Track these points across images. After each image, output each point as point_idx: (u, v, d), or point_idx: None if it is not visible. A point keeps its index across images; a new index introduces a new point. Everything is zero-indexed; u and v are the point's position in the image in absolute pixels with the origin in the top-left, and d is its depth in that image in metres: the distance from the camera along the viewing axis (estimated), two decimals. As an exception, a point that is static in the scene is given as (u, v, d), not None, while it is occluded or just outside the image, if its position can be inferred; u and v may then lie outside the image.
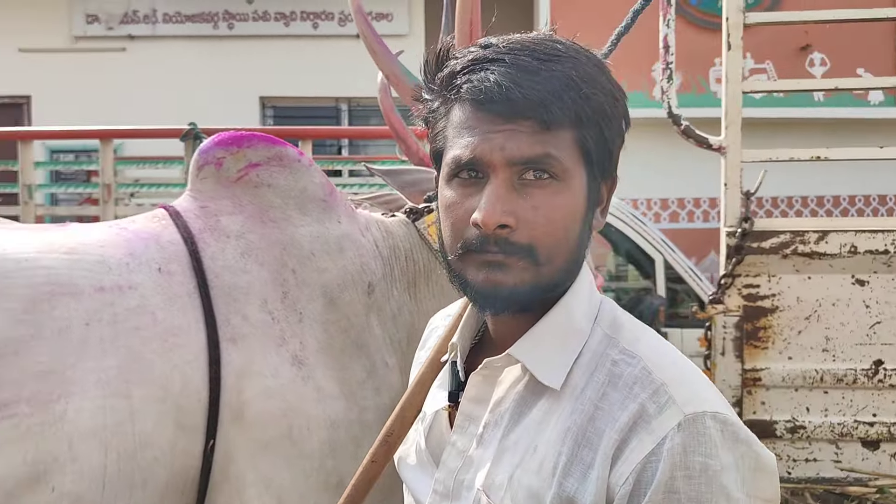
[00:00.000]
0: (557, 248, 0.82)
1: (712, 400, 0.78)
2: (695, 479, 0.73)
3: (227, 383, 1.40)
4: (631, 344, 0.84)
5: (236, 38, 8.44)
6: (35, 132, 3.60)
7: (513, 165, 0.80)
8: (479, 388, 0.88)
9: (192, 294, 1.43)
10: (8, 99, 8.33)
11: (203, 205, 1.58)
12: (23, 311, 1.25)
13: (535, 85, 0.78)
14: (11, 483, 1.17)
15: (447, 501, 0.87)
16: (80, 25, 8.44)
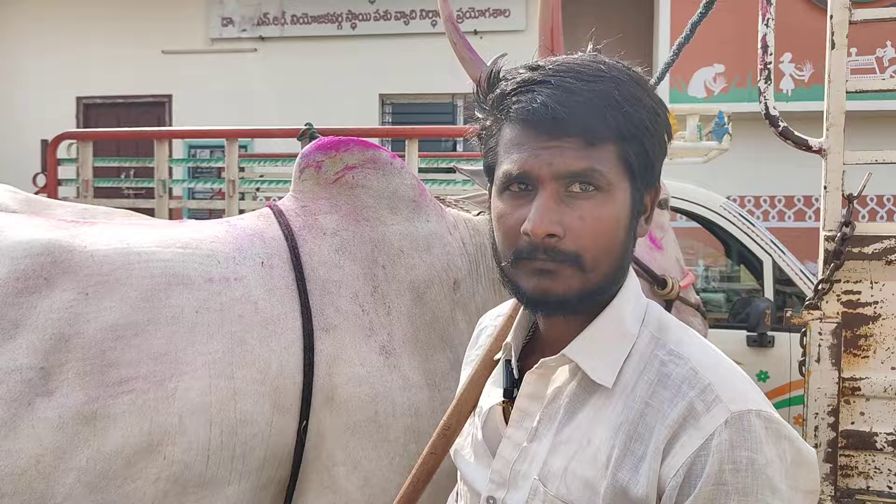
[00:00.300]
0: (603, 256, 0.87)
1: (756, 399, 0.83)
2: (741, 472, 0.78)
3: (319, 369, 1.52)
4: (678, 345, 0.89)
5: (358, 37, 8.73)
6: (167, 132, 3.91)
7: (560, 179, 0.85)
8: (535, 386, 0.94)
9: (291, 286, 1.56)
10: (151, 98, 9.00)
11: (303, 204, 1.71)
12: (142, 299, 1.41)
13: (579, 104, 0.83)
14: (130, 450, 1.33)
15: (503, 490, 0.92)
16: (216, 28, 8.99)
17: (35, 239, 1.38)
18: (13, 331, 1.29)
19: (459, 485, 1.07)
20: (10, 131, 8.93)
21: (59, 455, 1.28)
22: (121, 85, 8.95)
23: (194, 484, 1.39)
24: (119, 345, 1.36)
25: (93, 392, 1.31)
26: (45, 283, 1.34)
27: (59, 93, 8.97)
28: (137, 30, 8.89)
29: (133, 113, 8.92)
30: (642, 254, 1.97)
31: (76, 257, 1.39)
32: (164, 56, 8.90)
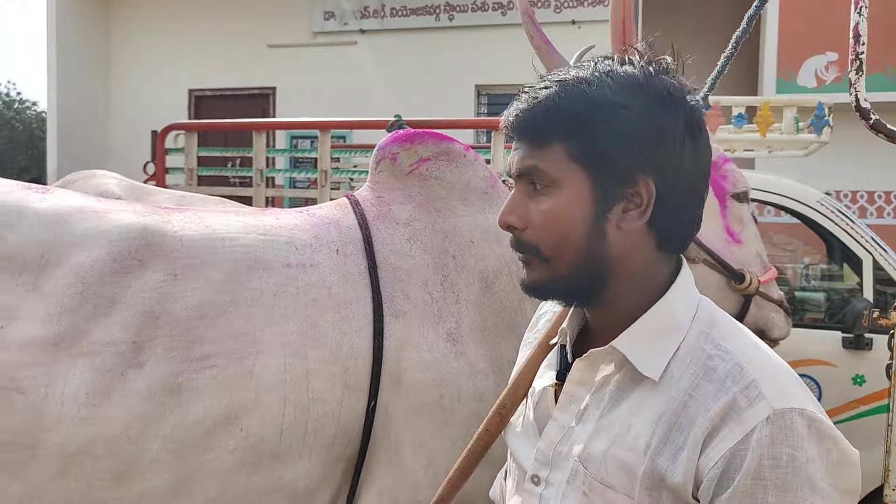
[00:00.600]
0: (560, 245, 0.93)
1: (800, 398, 0.84)
2: (781, 468, 0.79)
3: (388, 352, 1.59)
4: (725, 340, 0.91)
5: (456, 28, 8.81)
6: (264, 123, 4.10)
7: (520, 177, 0.96)
8: (583, 373, 0.98)
9: (363, 273, 1.64)
10: (257, 90, 9.38)
11: (379, 195, 1.78)
12: (225, 282, 1.51)
13: (527, 111, 0.94)
14: (210, 422, 1.44)
15: (546, 469, 0.97)
16: (319, 22, 9.26)
17: (131, 223, 1.50)
18: (109, 307, 1.41)
19: (509, 462, 1.12)
20: (127, 122, 9.51)
21: (146, 423, 1.39)
22: (229, 78, 9.37)
23: (268, 456, 1.49)
24: (203, 323, 1.46)
25: (178, 366, 1.42)
26: (138, 264, 1.46)
27: (172, 85, 9.48)
28: (245, 25, 9.27)
29: (239, 104, 9.32)
30: (719, 247, 1.94)
31: (167, 241, 1.51)
32: (270, 49, 9.24)
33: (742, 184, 2.00)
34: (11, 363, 1.33)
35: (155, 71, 9.65)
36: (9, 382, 1.32)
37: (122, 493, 1.39)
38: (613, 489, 0.89)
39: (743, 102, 3.50)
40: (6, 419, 1.32)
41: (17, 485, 1.34)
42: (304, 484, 1.54)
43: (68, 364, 1.36)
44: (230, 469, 1.46)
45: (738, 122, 3.44)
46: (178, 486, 1.42)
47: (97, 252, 1.44)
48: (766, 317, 2.03)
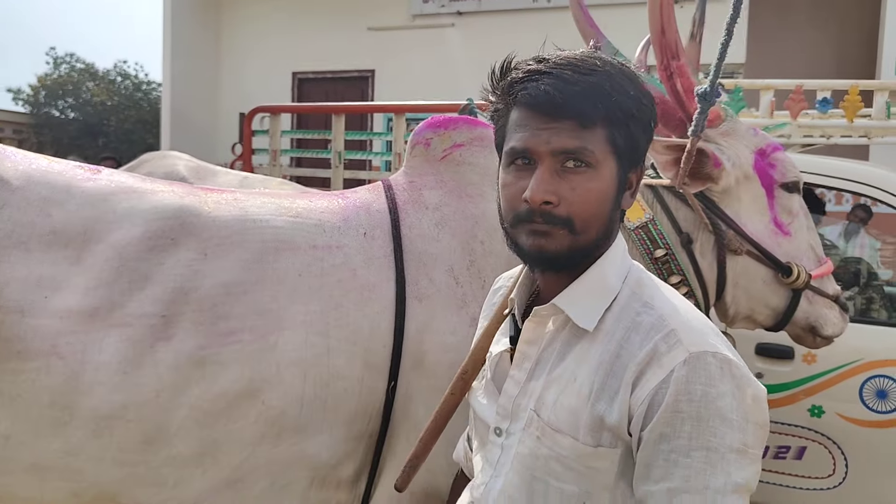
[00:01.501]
0: (591, 221, 1.02)
1: (714, 343, 0.97)
2: (695, 402, 0.92)
3: (409, 334, 1.62)
4: (651, 298, 1.04)
5: (553, 9, 8.67)
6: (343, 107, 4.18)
7: (556, 155, 1.00)
8: (532, 332, 1.10)
9: (389, 256, 1.67)
10: (356, 73, 9.59)
11: (411, 179, 1.81)
12: (253, 261, 1.58)
13: (575, 93, 0.98)
14: (233, 394, 1.51)
15: (507, 421, 1.09)
16: (417, 4, 9.35)
17: (168, 204, 1.59)
18: (143, 282, 1.51)
19: (472, 422, 1.24)
20: (234, 104, 9.92)
21: (174, 392, 1.48)
22: (330, 60, 9.62)
23: (289, 429, 1.55)
24: (230, 300, 1.53)
25: (204, 340, 1.50)
26: (171, 242, 1.55)
27: (277, 68, 9.82)
28: (346, 8, 9.48)
29: (340, 86, 9.56)
30: (765, 239, 1.85)
31: (200, 221, 1.59)
32: (369, 32, 9.42)
33: (792, 173, 1.90)
34: (53, 330, 1.44)
35: (261, 54, 10.03)
36: (50, 348, 1.44)
37: (151, 456, 1.49)
38: (561, 432, 1.01)
39: (828, 86, 3.30)
40: (47, 381, 1.43)
41: (57, 441, 1.46)
42: (326, 457, 1.60)
43: (103, 333, 1.46)
44: (253, 439, 1.53)
45: (823, 107, 3.24)
46: (202, 453, 1.51)
47: (135, 230, 1.54)
48: (818, 312, 1.92)
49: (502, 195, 1.07)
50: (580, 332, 1.04)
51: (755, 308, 1.95)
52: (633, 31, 2.35)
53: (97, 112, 24.17)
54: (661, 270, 1.89)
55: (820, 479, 2.78)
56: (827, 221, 5.11)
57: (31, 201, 1.51)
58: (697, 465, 0.91)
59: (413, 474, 1.28)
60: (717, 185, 1.87)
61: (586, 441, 0.99)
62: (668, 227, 1.91)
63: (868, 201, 5.26)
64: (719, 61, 1.46)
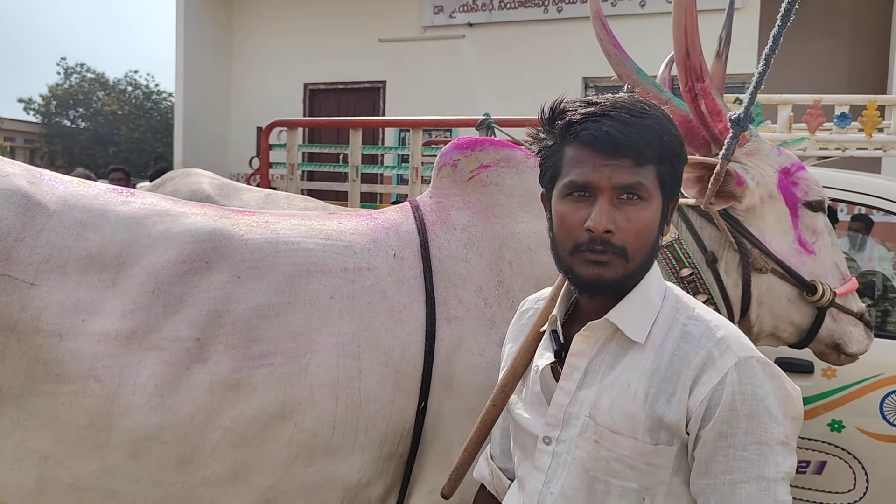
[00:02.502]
0: (641, 249, 1.12)
1: (754, 349, 1.10)
2: (748, 401, 1.04)
3: (439, 356, 1.64)
4: (693, 312, 1.16)
5: (564, 20, 8.71)
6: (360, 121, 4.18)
7: (615, 189, 1.10)
8: (581, 346, 1.18)
9: (418, 277, 1.69)
10: (368, 84, 9.63)
11: (438, 200, 1.83)
12: (285, 284, 1.60)
13: (633, 134, 1.09)
14: (267, 416, 1.53)
15: (557, 429, 1.17)
16: (428, 16, 9.39)
17: (200, 227, 1.61)
18: (177, 306, 1.53)
19: (513, 434, 1.31)
20: (246, 115, 9.98)
21: (209, 414, 1.50)
22: (341, 72, 9.67)
23: (321, 450, 1.57)
24: (262, 323, 1.55)
25: (238, 363, 1.52)
26: (205, 266, 1.57)
27: (288, 80, 9.88)
28: (357, 20, 9.53)
29: (351, 98, 9.61)
30: (790, 258, 1.86)
31: (233, 244, 1.61)
32: (380, 44, 9.46)
33: (816, 192, 1.91)
34: (91, 353, 1.46)
35: (272, 66, 10.09)
36: (88, 371, 1.46)
37: (186, 476, 1.50)
38: (621, 434, 1.10)
39: (846, 101, 3.31)
40: (85, 404, 1.46)
41: (95, 463, 1.48)
42: (357, 478, 1.61)
43: (139, 357, 1.48)
44: (285, 461, 1.55)
45: (842, 122, 3.25)
46: (236, 474, 1.53)
47: (169, 254, 1.56)
48: (843, 330, 1.93)
49: (559, 225, 1.16)
50: (629, 344, 1.14)
51: (779, 326, 1.96)
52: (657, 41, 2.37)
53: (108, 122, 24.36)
54: (687, 289, 1.90)
55: (840, 494, 2.78)
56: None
57: (68, 225, 1.53)
58: (752, 458, 1.03)
59: (459, 482, 1.33)
60: (741, 204, 1.88)
61: (645, 440, 1.09)
62: (693, 246, 1.92)
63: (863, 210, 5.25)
64: (754, 89, 1.47)
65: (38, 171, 1.66)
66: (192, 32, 9.97)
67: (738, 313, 1.96)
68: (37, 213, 1.52)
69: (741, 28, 6.97)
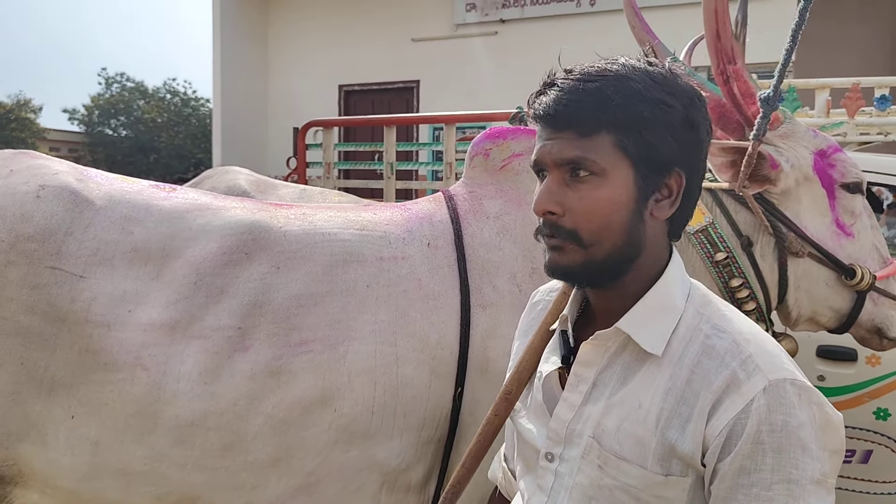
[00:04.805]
0: (601, 232, 0.97)
1: (790, 369, 0.92)
2: (777, 432, 0.88)
3: (474, 342, 1.66)
4: (720, 320, 0.98)
5: (597, 13, 8.67)
6: (394, 118, 4.22)
7: (560, 166, 0.98)
8: (589, 355, 1.04)
9: (452, 266, 1.71)
10: (401, 84, 9.70)
11: (471, 190, 1.85)
12: (323, 273, 1.63)
13: (573, 102, 0.96)
14: (307, 402, 1.57)
15: (559, 446, 1.04)
16: (461, 14, 9.42)
17: (241, 220, 1.65)
18: (219, 296, 1.57)
19: (516, 444, 1.19)
20: (283, 117, 10.12)
21: (251, 401, 1.54)
22: (375, 73, 9.75)
23: (360, 435, 1.60)
24: (301, 311, 1.59)
25: (278, 351, 1.56)
26: (245, 257, 1.61)
27: (323, 82, 9.99)
28: (391, 20, 9.60)
29: (385, 98, 9.68)
30: (827, 241, 1.84)
31: (272, 236, 1.65)
32: (413, 44, 9.52)
33: (853, 174, 1.88)
34: (137, 343, 1.51)
35: (308, 69, 10.21)
36: (135, 360, 1.51)
37: (230, 462, 1.55)
38: (627, 461, 0.96)
39: (885, 83, 3.24)
40: (132, 392, 1.51)
41: (143, 449, 1.53)
42: (396, 462, 1.64)
43: (183, 346, 1.53)
44: (326, 446, 1.58)
45: (882, 105, 3.19)
46: (278, 459, 1.57)
47: (210, 246, 1.60)
48: (884, 314, 1.90)
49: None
50: (644, 356, 0.99)
51: (818, 310, 1.94)
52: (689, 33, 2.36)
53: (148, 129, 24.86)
54: (722, 274, 1.89)
55: (887, 484, 2.73)
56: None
57: (114, 220, 1.59)
58: (780, 499, 0.87)
59: (456, 499, 1.24)
60: (776, 187, 1.86)
61: (655, 470, 0.94)
62: (727, 231, 1.91)
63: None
64: (783, 66, 1.47)
65: (85, 170, 1.72)
66: (229, 39, 10.13)
67: (776, 298, 1.94)
68: (84, 208, 1.57)
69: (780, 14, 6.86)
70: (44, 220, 1.53)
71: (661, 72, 0.99)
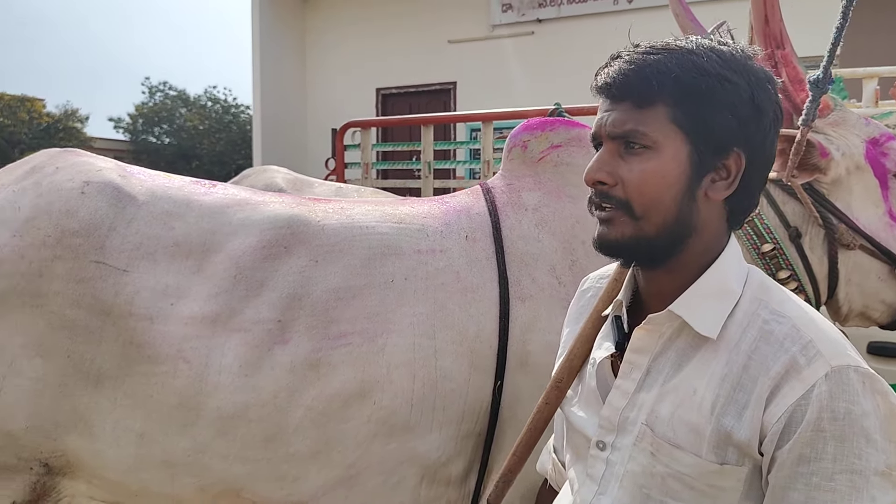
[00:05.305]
0: (651, 205, 0.95)
1: (854, 356, 0.89)
2: (839, 420, 0.85)
3: (513, 335, 1.64)
4: (779, 305, 0.96)
5: (635, 10, 8.57)
6: (431, 118, 4.23)
7: (614, 138, 0.97)
8: (643, 340, 1.02)
9: (490, 258, 1.70)
10: (438, 85, 9.71)
11: (509, 182, 1.83)
12: (361, 266, 1.63)
13: (631, 73, 0.94)
14: (346, 394, 1.57)
15: (612, 434, 1.02)
16: (497, 14, 9.40)
17: (279, 214, 1.66)
18: (259, 289, 1.58)
19: (562, 432, 1.19)
20: (322, 121, 10.20)
21: (291, 393, 1.55)
22: (412, 75, 9.79)
23: (399, 428, 1.59)
24: (340, 304, 1.59)
25: (318, 343, 1.56)
26: (284, 251, 1.62)
27: (361, 85, 10.06)
28: (426, 22, 9.63)
29: (422, 100, 9.70)
30: (880, 233, 1.78)
31: (310, 230, 1.66)
32: (450, 45, 9.52)
33: (910, 159, 1.83)
34: (179, 335, 1.53)
35: (345, 73, 10.29)
36: (177, 352, 1.53)
37: (271, 454, 1.56)
38: (681, 449, 0.94)
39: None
40: (175, 384, 1.52)
41: (186, 440, 1.54)
42: (437, 456, 1.64)
43: (224, 338, 1.54)
44: (365, 438, 1.58)
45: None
46: (318, 451, 1.57)
47: (250, 240, 1.62)
48: None
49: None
50: (699, 341, 0.97)
51: (870, 305, 1.88)
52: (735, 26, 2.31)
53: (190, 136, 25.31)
54: (769, 265, 1.85)
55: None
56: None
57: (156, 215, 1.61)
58: (842, 490, 0.84)
59: (507, 488, 1.23)
60: (826, 177, 1.81)
61: (710, 458, 0.92)
62: (774, 221, 1.87)
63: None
64: (833, 46, 1.43)
65: (128, 167, 1.75)
66: (268, 45, 10.26)
67: (826, 291, 1.89)
68: (127, 204, 1.60)
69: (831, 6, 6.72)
70: (88, 216, 1.55)
71: (731, 51, 0.97)
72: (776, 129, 0.98)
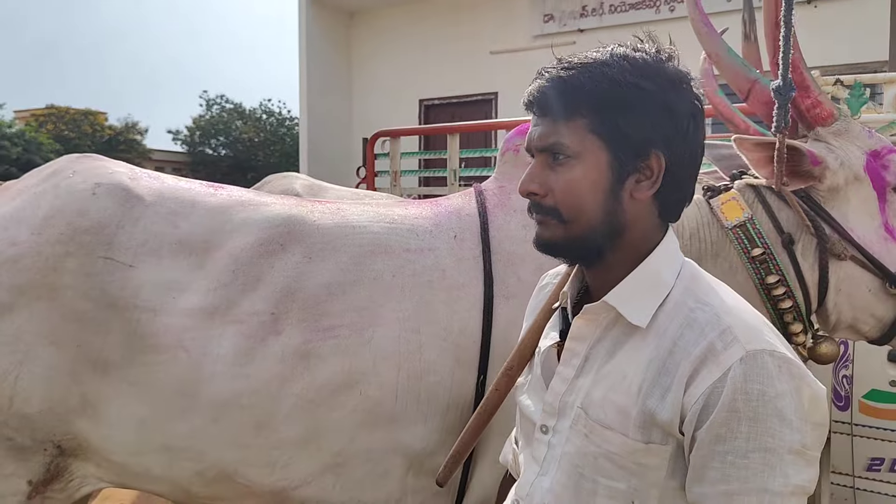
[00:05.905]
0: (578, 209, 1.03)
1: (771, 341, 0.94)
2: (753, 401, 0.89)
3: (496, 331, 1.70)
4: (705, 294, 1.02)
5: (676, 20, 8.51)
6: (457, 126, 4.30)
7: (542, 151, 1.05)
8: (581, 330, 1.08)
9: (477, 257, 1.76)
10: (480, 96, 9.80)
11: (501, 184, 1.90)
12: (351, 263, 1.72)
13: (549, 90, 1.03)
14: (334, 385, 1.65)
15: (553, 418, 1.08)
16: (538, 25, 9.45)
17: (278, 214, 1.76)
18: (255, 283, 1.68)
19: (518, 419, 1.23)
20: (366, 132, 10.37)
21: (282, 382, 1.63)
22: (454, 86, 9.90)
23: (385, 418, 1.67)
24: (330, 299, 1.68)
25: (308, 335, 1.65)
26: (280, 248, 1.72)
27: (404, 97, 10.21)
28: (468, 34, 9.73)
29: (465, 111, 9.79)
30: (873, 245, 1.74)
31: (306, 228, 1.75)
32: (492, 56, 9.60)
33: (901, 174, 1.80)
34: (179, 326, 1.64)
35: (389, 84, 10.46)
36: (177, 342, 1.63)
37: (262, 440, 1.65)
38: (611, 429, 1.00)
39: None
40: (175, 372, 1.63)
41: (183, 426, 1.64)
42: (421, 446, 1.70)
43: (221, 329, 1.64)
44: (352, 427, 1.66)
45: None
46: (307, 439, 1.65)
47: (249, 238, 1.72)
48: None
49: None
50: (631, 330, 1.03)
51: (859, 317, 1.84)
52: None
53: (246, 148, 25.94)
54: (759, 269, 1.85)
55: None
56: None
57: (162, 214, 1.72)
58: (755, 467, 0.89)
59: (454, 469, 1.29)
60: (822, 184, 1.80)
61: (636, 437, 0.97)
62: (767, 227, 1.86)
63: None
64: (784, 55, 1.44)
65: (140, 170, 1.87)
66: (314, 58, 10.50)
67: (816, 299, 1.88)
68: (135, 204, 1.71)
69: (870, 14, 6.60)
70: (98, 215, 1.67)
71: (643, 56, 1.04)
72: (697, 125, 1.04)
